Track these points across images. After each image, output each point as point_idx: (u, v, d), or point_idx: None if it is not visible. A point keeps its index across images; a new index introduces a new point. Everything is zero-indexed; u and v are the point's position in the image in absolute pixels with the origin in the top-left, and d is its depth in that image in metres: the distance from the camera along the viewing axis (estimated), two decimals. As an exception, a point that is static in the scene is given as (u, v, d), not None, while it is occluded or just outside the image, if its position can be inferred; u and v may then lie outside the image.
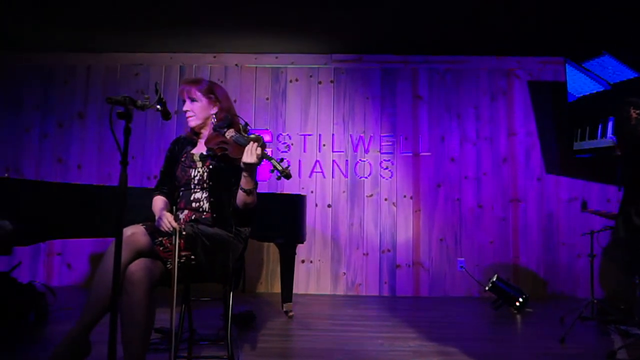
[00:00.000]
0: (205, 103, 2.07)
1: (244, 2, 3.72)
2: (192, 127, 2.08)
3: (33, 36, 4.50)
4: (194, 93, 2.05)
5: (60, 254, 4.71)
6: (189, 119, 2.07)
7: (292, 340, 2.86)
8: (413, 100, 4.71)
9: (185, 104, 2.08)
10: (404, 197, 4.62)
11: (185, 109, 2.07)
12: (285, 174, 1.81)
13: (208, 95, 2.07)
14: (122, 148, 1.39)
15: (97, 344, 1.81)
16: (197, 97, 2.06)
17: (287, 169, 1.82)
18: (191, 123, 2.07)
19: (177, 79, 4.84)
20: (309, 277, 4.56)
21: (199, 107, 2.06)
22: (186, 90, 2.06)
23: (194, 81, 2.10)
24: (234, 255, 1.94)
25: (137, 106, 1.48)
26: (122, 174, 1.35)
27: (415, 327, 3.18)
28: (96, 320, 1.68)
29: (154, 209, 1.99)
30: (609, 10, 3.68)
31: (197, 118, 2.06)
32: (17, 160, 4.81)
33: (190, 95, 2.06)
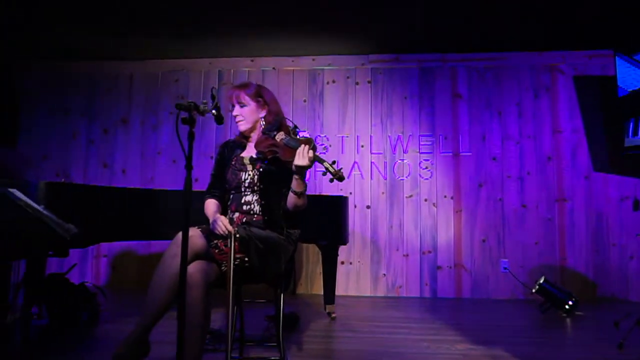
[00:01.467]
0: (254, 107, 2.10)
1: (281, 6, 3.75)
2: (242, 131, 2.10)
3: (79, 46, 4.68)
4: (243, 97, 2.08)
5: (107, 255, 4.87)
6: (238, 123, 2.11)
7: (338, 342, 2.85)
8: (452, 99, 4.64)
9: (234, 109, 2.12)
10: (444, 197, 4.55)
11: (235, 114, 2.11)
12: (339, 176, 1.81)
13: (256, 99, 2.10)
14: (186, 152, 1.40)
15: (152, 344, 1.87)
16: (246, 102, 2.09)
17: (340, 171, 1.83)
18: (241, 127, 2.10)
19: (215, 83, 4.92)
20: (348, 278, 4.55)
21: (248, 111, 2.09)
22: (235, 95, 2.10)
23: (242, 86, 2.13)
24: (285, 257, 1.96)
25: (199, 111, 1.50)
26: (187, 178, 1.38)
27: (460, 330, 3.11)
28: (155, 321, 1.73)
29: (207, 212, 2.03)
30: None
31: (246, 122, 2.09)
32: (65, 166, 5.01)
33: (239, 100, 2.09)
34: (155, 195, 2.86)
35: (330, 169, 1.83)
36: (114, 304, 3.77)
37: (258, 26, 4.15)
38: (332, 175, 1.82)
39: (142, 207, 2.68)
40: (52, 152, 5.00)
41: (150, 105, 4.97)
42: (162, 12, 3.88)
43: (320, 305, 3.80)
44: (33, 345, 2.69)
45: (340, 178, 1.82)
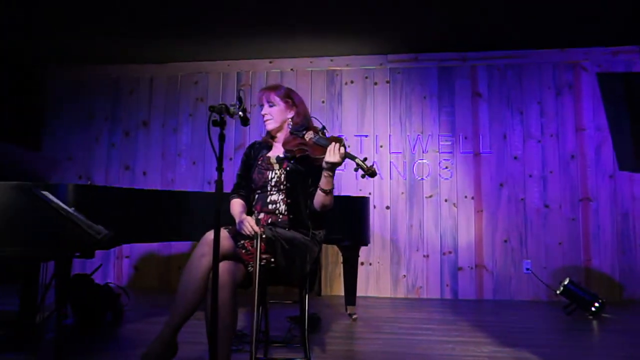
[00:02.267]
0: (282, 107, 2.11)
1: (299, 7, 3.75)
2: (269, 130, 2.12)
3: (102, 50, 4.75)
4: (273, 97, 2.11)
5: (129, 256, 4.93)
6: (266, 122, 2.13)
7: (361, 343, 2.84)
8: (472, 98, 4.59)
9: (263, 108, 2.14)
10: (464, 197, 4.50)
11: (264, 113, 2.13)
12: (371, 172, 1.82)
13: (285, 99, 2.13)
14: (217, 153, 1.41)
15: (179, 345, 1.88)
16: (275, 102, 2.11)
17: (372, 167, 1.83)
18: (269, 126, 2.12)
19: (234, 85, 4.96)
20: (368, 279, 4.53)
21: (277, 111, 2.11)
22: (265, 95, 2.13)
23: (272, 87, 2.16)
24: (311, 258, 1.96)
25: (229, 113, 1.51)
26: (218, 179, 1.39)
27: (485, 332, 3.07)
28: (183, 321, 1.74)
29: (233, 212, 2.04)
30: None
31: (274, 121, 2.11)
32: (88, 168, 5.09)
33: (268, 100, 2.12)
34: (178, 197, 2.89)
35: (362, 165, 1.84)
36: (137, 304, 3.81)
37: (276, 28, 4.16)
38: (365, 171, 1.83)
39: (166, 208, 2.71)
40: (75, 155, 5.09)
41: (170, 107, 5.03)
42: (182, 16, 3.92)
43: (341, 306, 3.79)
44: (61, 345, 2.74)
45: (372, 174, 1.83)
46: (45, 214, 1.75)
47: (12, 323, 2.66)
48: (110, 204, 2.26)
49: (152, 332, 3.00)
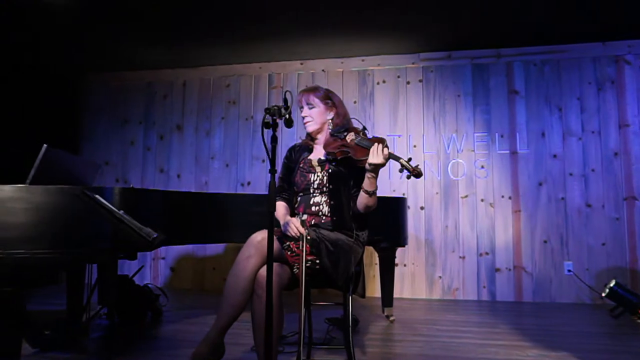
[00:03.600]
0: (322, 109, 2.11)
1: (330, 8, 3.74)
2: (310, 132, 2.12)
3: (136, 56, 4.86)
4: (312, 99, 2.10)
5: (164, 257, 5.02)
6: (306, 124, 2.13)
7: (401, 345, 2.80)
8: (508, 96, 4.48)
9: (303, 110, 2.14)
10: (501, 197, 4.39)
11: (304, 115, 2.13)
12: (416, 172, 1.79)
13: (325, 101, 2.12)
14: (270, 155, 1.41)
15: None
16: (315, 103, 2.11)
17: (418, 168, 1.80)
18: (309, 128, 2.12)
19: (266, 87, 4.99)
20: (403, 280, 4.47)
21: (317, 113, 2.10)
22: (304, 97, 2.12)
23: (312, 89, 2.15)
24: (355, 259, 1.94)
25: (280, 115, 1.52)
26: (271, 181, 1.39)
27: (528, 335, 2.99)
28: (231, 323, 1.75)
29: (278, 215, 2.05)
30: None
31: (314, 123, 2.11)
32: (124, 172, 5.22)
33: (308, 102, 2.11)
34: (217, 199, 2.92)
35: (407, 165, 1.81)
36: (174, 305, 3.87)
37: (308, 29, 4.17)
38: (410, 172, 1.80)
39: (206, 210, 2.74)
40: (112, 159, 5.22)
41: (203, 111, 5.10)
42: (213, 20, 3.97)
43: (376, 307, 3.76)
44: (105, 343, 2.81)
45: (418, 174, 1.80)
46: (98, 217, 1.80)
47: (59, 322, 2.74)
48: (154, 206, 2.30)
49: (192, 332, 3.07)
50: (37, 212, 1.86)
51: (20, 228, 1.85)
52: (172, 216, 2.44)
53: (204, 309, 3.87)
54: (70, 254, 1.86)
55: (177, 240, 2.63)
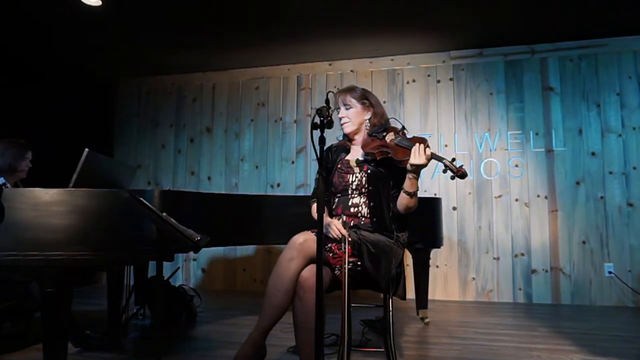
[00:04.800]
0: (359, 109, 2.09)
1: (359, 8, 3.71)
2: (347, 133, 2.10)
3: (167, 61, 4.94)
4: (349, 100, 2.08)
5: (196, 259, 5.08)
6: (344, 125, 2.11)
7: (438, 348, 2.75)
8: (543, 92, 4.36)
9: (340, 111, 2.12)
10: (537, 196, 4.28)
11: (341, 116, 2.11)
12: (461, 173, 1.75)
13: (362, 101, 2.10)
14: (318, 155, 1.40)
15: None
16: (352, 104, 2.09)
17: (462, 168, 1.76)
18: (346, 129, 2.10)
19: (295, 89, 4.99)
20: (435, 282, 4.40)
21: (354, 113, 2.08)
22: (341, 98, 2.10)
23: (348, 89, 2.13)
24: (396, 261, 1.91)
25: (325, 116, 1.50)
26: (320, 183, 1.38)
27: (570, 339, 2.90)
28: (273, 324, 1.75)
29: (314, 216, 2.04)
30: None
31: (352, 124, 2.09)
32: (156, 174, 5.31)
33: (345, 102, 2.09)
34: (254, 201, 2.93)
35: (451, 166, 1.78)
36: (208, 306, 3.91)
37: (336, 30, 4.15)
38: (454, 173, 1.77)
39: (242, 212, 2.76)
40: (144, 162, 5.32)
41: (232, 113, 5.14)
42: (242, 22, 3.99)
43: (409, 309, 3.71)
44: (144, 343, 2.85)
45: (462, 175, 1.76)
46: (142, 220, 1.83)
47: (100, 322, 2.80)
48: (192, 208, 2.32)
49: (226, 332, 3.09)
50: (83, 215, 1.90)
51: (65, 230, 1.89)
52: (209, 218, 2.46)
53: (237, 309, 3.89)
54: (114, 256, 1.89)
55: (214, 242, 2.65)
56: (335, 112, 2.15)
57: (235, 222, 2.75)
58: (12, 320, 2.85)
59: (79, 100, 5.15)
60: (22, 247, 1.88)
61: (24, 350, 2.65)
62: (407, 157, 1.84)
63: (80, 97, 5.17)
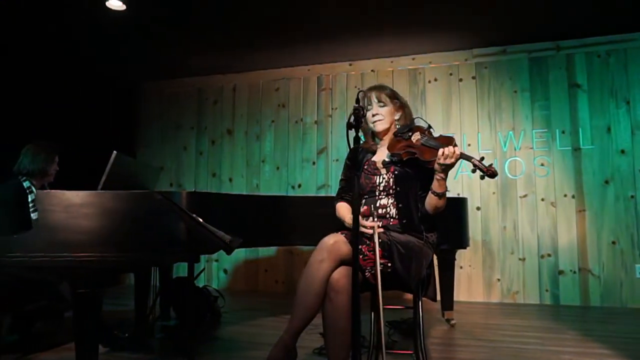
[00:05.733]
0: (391, 108, 2.07)
1: (379, 8, 3.69)
2: (379, 131, 2.06)
3: (187, 63, 4.99)
4: (383, 97, 2.06)
5: (217, 260, 5.11)
6: (377, 122, 2.06)
7: (467, 351, 2.70)
8: (569, 90, 4.27)
9: (373, 108, 2.07)
10: (564, 196, 4.18)
11: (375, 112, 2.06)
12: (491, 172, 1.71)
13: (393, 100, 2.07)
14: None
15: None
16: (386, 102, 2.06)
17: (492, 167, 1.73)
18: (379, 127, 2.06)
19: (315, 89, 4.99)
20: (459, 283, 4.33)
21: (387, 111, 2.06)
22: (375, 95, 2.07)
23: (381, 87, 2.11)
24: (426, 262, 1.89)
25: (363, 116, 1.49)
26: (356, 183, 1.36)
27: (603, 342, 2.82)
28: (304, 326, 1.73)
29: (342, 215, 2.03)
30: None
31: (385, 122, 2.06)
32: (178, 176, 5.36)
33: (380, 99, 2.06)
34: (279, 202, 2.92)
35: (480, 165, 1.74)
36: (231, 307, 3.92)
37: (357, 29, 4.13)
38: (483, 172, 1.73)
39: (269, 213, 2.75)
40: (166, 164, 5.37)
41: (253, 114, 5.16)
42: (262, 24, 4.00)
43: (434, 310, 3.67)
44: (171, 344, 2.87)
45: (492, 175, 1.72)
46: (172, 221, 1.84)
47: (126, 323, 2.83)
48: (219, 209, 2.33)
49: (251, 333, 3.09)
50: (113, 217, 1.92)
51: (96, 232, 1.91)
52: (235, 219, 2.47)
53: (260, 310, 3.90)
54: (144, 257, 1.90)
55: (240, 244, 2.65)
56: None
57: (260, 223, 2.75)
58: (43, 320, 2.90)
59: (102, 104, 5.24)
60: (54, 248, 1.91)
61: (55, 349, 2.69)
62: (434, 157, 1.81)
63: (103, 100, 5.26)
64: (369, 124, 2.08)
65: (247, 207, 2.62)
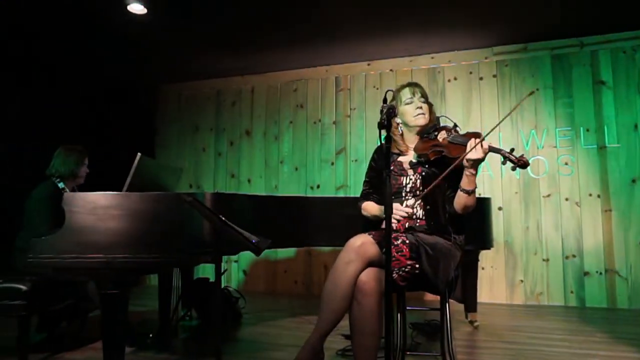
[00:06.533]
0: (428, 106, 2.04)
1: (398, 7, 3.65)
2: (421, 125, 2.01)
3: (206, 65, 5.02)
4: (424, 93, 2.03)
5: (237, 261, 5.13)
6: (418, 116, 2.00)
7: (492, 354, 2.66)
8: (594, 87, 4.17)
9: (413, 102, 2.02)
10: (589, 195, 4.09)
11: (419, 106, 2.01)
12: (522, 163, 1.67)
13: (427, 100, 2.05)
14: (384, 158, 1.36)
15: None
16: (425, 98, 2.03)
17: (523, 157, 1.68)
18: (421, 121, 2.00)
19: (333, 90, 4.97)
20: (481, 284, 4.21)
21: (426, 108, 2.02)
22: (419, 88, 2.04)
23: (416, 84, 2.08)
24: (454, 264, 1.85)
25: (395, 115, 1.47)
26: (387, 184, 1.34)
27: (633, 346, 2.74)
28: (331, 328, 1.71)
29: (371, 211, 2.00)
30: None
31: (426, 117, 2.01)
32: (197, 177, 5.39)
33: (423, 93, 2.03)
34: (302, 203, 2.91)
35: (510, 156, 1.70)
36: (251, 308, 3.92)
37: (374, 29, 4.10)
38: (514, 163, 1.69)
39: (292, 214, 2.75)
40: (185, 165, 5.41)
41: (271, 116, 5.17)
42: (279, 26, 4.00)
43: (457, 312, 3.61)
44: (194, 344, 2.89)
45: (524, 165, 1.68)
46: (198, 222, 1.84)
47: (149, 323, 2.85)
48: (243, 210, 2.33)
49: (272, 335, 3.09)
50: (140, 218, 1.93)
51: (123, 233, 1.93)
52: (260, 220, 2.47)
53: (280, 311, 3.90)
54: (171, 258, 1.91)
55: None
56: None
57: (285, 224, 2.74)
58: (69, 319, 2.95)
59: (120, 106, 5.30)
60: (83, 249, 1.93)
61: (81, 349, 2.73)
62: (461, 154, 1.78)
63: (121, 102, 5.32)
64: (408, 118, 2.02)
65: (271, 207, 2.61)
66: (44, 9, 3.62)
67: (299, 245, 2.91)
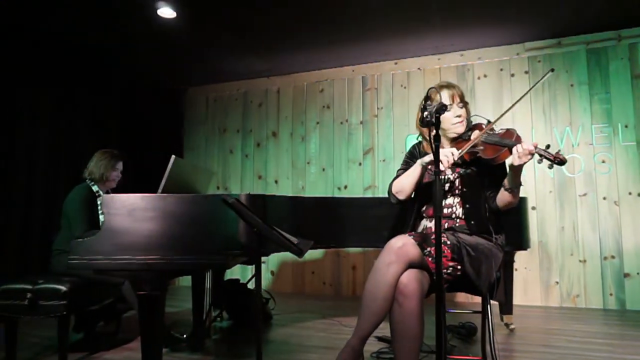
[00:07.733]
0: (465, 110, 1.98)
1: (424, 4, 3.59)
2: (458, 133, 1.95)
3: (233, 68, 5.05)
4: (463, 97, 1.97)
5: (265, 262, 5.14)
6: (457, 125, 1.94)
7: (532, 357, 2.58)
8: (632, 81, 4.02)
9: (452, 109, 1.94)
10: (628, 194, 3.95)
11: (458, 114, 1.95)
12: (559, 160, 1.61)
13: (464, 100, 2.00)
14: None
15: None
16: (463, 103, 1.97)
17: (559, 154, 1.62)
18: (459, 129, 1.95)
19: (360, 90, 4.93)
20: (515, 286, 4.15)
21: (464, 113, 1.96)
22: (458, 95, 1.96)
23: (454, 85, 2.00)
24: (496, 264, 1.80)
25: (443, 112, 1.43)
26: (436, 183, 1.31)
27: (682, 351, 2.62)
28: (372, 330, 1.69)
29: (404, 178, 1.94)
30: None
31: (464, 124, 1.95)
32: (224, 179, 5.43)
33: (462, 98, 1.97)
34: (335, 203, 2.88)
35: (546, 154, 1.64)
36: (280, 309, 3.92)
37: (401, 27, 4.05)
38: (551, 161, 1.63)
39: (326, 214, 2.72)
40: (213, 167, 5.46)
41: (298, 116, 5.16)
42: (306, 26, 3.99)
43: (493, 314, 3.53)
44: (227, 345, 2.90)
45: (561, 162, 1.62)
46: (238, 224, 1.84)
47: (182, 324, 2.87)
48: (279, 212, 2.32)
49: (304, 336, 3.08)
50: (177, 220, 1.95)
51: (160, 235, 1.94)
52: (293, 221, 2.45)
53: (309, 312, 3.88)
54: (207, 260, 1.91)
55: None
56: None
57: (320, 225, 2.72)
58: (105, 320, 2.99)
59: (149, 109, 5.38)
60: (121, 251, 1.95)
61: (116, 349, 2.77)
62: (497, 154, 1.73)
63: (150, 105, 5.40)
64: (445, 125, 1.94)
65: (306, 208, 2.60)
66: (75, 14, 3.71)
67: (337, 247, 2.87)
